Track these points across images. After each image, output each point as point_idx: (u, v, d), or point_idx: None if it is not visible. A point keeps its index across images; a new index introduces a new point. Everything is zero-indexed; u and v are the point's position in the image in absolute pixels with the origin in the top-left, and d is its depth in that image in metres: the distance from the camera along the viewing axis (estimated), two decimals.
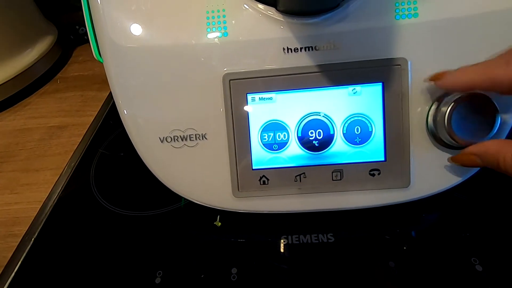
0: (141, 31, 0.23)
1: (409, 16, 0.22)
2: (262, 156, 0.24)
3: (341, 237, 0.25)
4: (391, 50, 0.22)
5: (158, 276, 0.24)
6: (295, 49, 0.22)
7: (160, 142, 0.24)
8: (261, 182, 0.24)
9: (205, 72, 0.23)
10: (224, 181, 0.24)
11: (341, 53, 0.22)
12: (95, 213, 0.29)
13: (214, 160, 0.24)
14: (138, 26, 0.23)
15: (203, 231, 0.27)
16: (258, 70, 0.23)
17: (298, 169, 0.24)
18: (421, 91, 0.22)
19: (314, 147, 0.23)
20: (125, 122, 0.24)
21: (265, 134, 0.24)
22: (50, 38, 0.52)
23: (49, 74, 0.51)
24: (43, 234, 0.28)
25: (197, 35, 0.23)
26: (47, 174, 0.36)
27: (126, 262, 0.25)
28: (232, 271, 0.24)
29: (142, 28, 0.23)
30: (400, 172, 0.23)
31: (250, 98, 0.23)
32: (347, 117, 0.23)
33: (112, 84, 0.24)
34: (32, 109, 0.46)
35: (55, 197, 0.31)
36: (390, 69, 0.22)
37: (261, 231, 0.26)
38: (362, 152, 0.23)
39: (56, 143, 0.40)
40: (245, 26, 0.22)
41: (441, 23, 0.22)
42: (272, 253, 0.25)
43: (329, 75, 0.23)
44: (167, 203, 0.29)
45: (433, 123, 0.22)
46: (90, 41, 0.24)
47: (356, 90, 0.23)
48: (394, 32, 0.22)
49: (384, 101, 0.23)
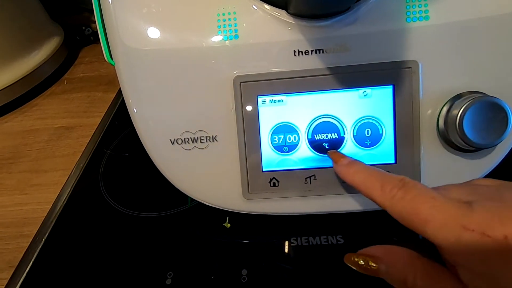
0: (152, 34, 0.23)
1: (420, 19, 0.22)
2: (272, 158, 0.24)
3: (350, 239, 0.25)
4: (402, 53, 0.22)
5: (169, 277, 0.24)
6: (305, 51, 0.22)
7: (171, 144, 0.24)
8: (271, 184, 0.24)
9: (216, 74, 0.23)
10: (234, 183, 0.24)
11: (352, 56, 0.22)
12: (104, 213, 0.30)
13: (224, 162, 0.24)
14: (149, 29, 0.23)
15: (213, 232, 0.27)
16: (268, 73, 0.23)
17: (308, 171, 0.24)
18: (432, 93, 0.22)
19: (325, 150, 0.24)
20: (136, 124, 0.24)
21: (275, 136, 0.24)
22: (57, 39, 0.52)
23: (56, 75, 0.52)
24: (53, 235, 0.29)
25: (208, 38, 0.23)
26: (56, 175, 0.36)
27: (136, 263, 0.26)
28: (242, 272, 0.24)
29: (153, 31, 0.23)
30: (410, 174, 0.23)
31: (260, 101, 0.23)
32: (357, 119, 0.23)
33: (123, 87, 0.24)
34: (39, 110, 0.47)
35: (65, 198, 0.32)
36: (401, 71, 0.22)
37: (270, 232, 0.27)
38: (372, 154, 0.23)
39: (64, 144, 0.40)
40: (256, 29, 0.23)
41: (452, 26, 0.22)
42: (281, 255, 0.25)
43: (340, 78, 0.23)
44: (175, 204, 0.30)
45: (444, 126, 0.22)
46: (101, 44, 0.24)
47: (366, 92, 0.23)
48: (405, 35, 0.22)
49: (395, 104, 0.23)
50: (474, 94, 0.21)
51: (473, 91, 0.22)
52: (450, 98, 0.22)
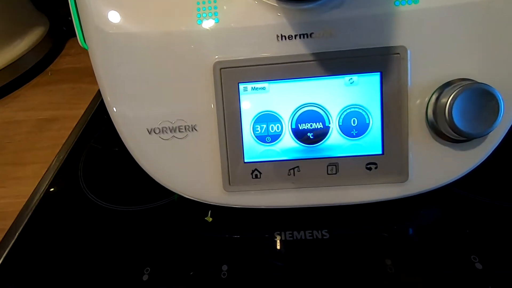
0: (128, 17, 0.22)
1: (409, 2, 0.21)
2: (255, 149, 0.23)
3: (336, 233, 0.25)
4: (390, 38, 0.21)
5: (146, 273, 0.23)
6: (289, 36, 0.21)
7: (148, 134, 0.23)
8: (253, 175, 0.23)
9: (195, 60, 0.22)
10: (215, 175, 0.23)
11: (338, 41, 0.21)
12: (82, 207, 0.29)
13: (204, 153, 0.23)
14: (124, 12, 0.22)
15: (194, 227, 0.26)
16: (250, 58, 0.22)
17: (292, 162, 0.23)
18: (421, 81, 0.21)
19: (309, 140, 0.22)
20: (111, 112, 0.23)
21: (258, 126, 0.23)
22: (41, 29, 0.50)
23: (40, 66, 0.50)
24: (28, 230, 0.27)
25: (187, 21, 0.21)
26: (35, 168, 0.35)
27: (112, 259, 0.24)
28: (222, 268, 0.23)
29: (128, 13, 0.22)
30: (398, 166, 0.22)
31: (242, 88, 0.22)
32: (343, 108, 0.22)
33: (97, 72, 0.23)
34: (22, 101, 0.45)
35: (42, 191, 0.30)
36: (389, 58, 0.21)
37: (253, 226, 0.26)
38: (358, 145, 0.22)
39: (45, 136, 0.39)
40: (237, 12, 0.21)
41: (443, 10, 0.21)
42: (264, 250, 0.24)
43: (325, 64, 0.22)
44: (158, 197, 0.28)
45: (433, 115, 0.21)
46: (75, 27, 0.23)
47: (353, 80, 0.22)
48: (393, 19, 0.21)
49: (382, 92, 0.22)
50: (464, 82, 0.20)
51: (463, 78, 0.21)
52: (439, 86, 0.21)
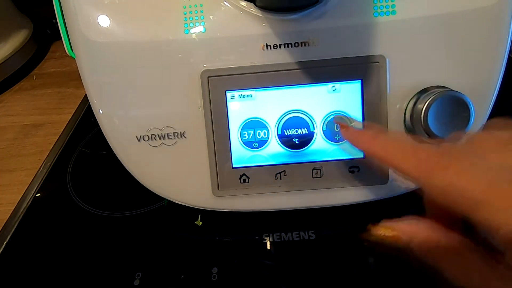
0: (115, 26, 0.22)
1: (387, 13, 0.22)
2: (242, 154, 0.23)
3: (322, 234, 0.25)
4: (370, 48, 0.22)
5: (137, 278, 0.24)
6: (274, 45, 0.22)
7: (137, 141, 0.23)
8: (241, 180, 0.24)
9: (183, 69, 0.22)
10: (204, 180, 0.24)
11: (320, 50, 0.22)
12: (72, 214, 0.28)
13: (193, 159, 0.23)
14: (111, 21, 0.22)
15: (184, 231, 0.27)
16: (237, 67, 0.22)
17: (279, 167, 0.24)
18: (400, 88, 0.23)
19: (294, 145, 0.23)
20: (100, 120, 0.23)
21: (245, 132, 0.23)
22: (25, 32, 0.49)
23: (24, 70, 0.49)
24: (15, 238, 0.27)
25: (174, 31, 0.22)
26: (21, 175, 0.34)
27: (103, 264, 0.25)
28: (212, 270, 0.24)
29: (115, 22, 0.22)
30: (378, 168, 0.23)
31: (229, 96, 0.23)
32: (326, 114, 0.23)
33: (85, 81, 0.23)
34: (5, 106, 0.44)
35: (29, 199, 0.30)
36: (369, 66, 0.22)
37: (242, 229, 0.26)
38: (342, 149, 0.23)
39: (31, 142, 0.38)
40: (224, 22, 0.22)
41: (419, 20, 0.22)
42: (253, 252, 0.25)
43: (309, 72, 0.22)
44: (148, 202, 0.29)
45: (410, 120, 0.22)
46: (61, 35, 0.23)
47: (335, 87, 0.23)
48: (372, 29, 0.22)
49: (363, 98, 0.23)
50: (438, 89, 0.21)
51: (439, 86, 0.22)
52: (416, 93, 0.22)
